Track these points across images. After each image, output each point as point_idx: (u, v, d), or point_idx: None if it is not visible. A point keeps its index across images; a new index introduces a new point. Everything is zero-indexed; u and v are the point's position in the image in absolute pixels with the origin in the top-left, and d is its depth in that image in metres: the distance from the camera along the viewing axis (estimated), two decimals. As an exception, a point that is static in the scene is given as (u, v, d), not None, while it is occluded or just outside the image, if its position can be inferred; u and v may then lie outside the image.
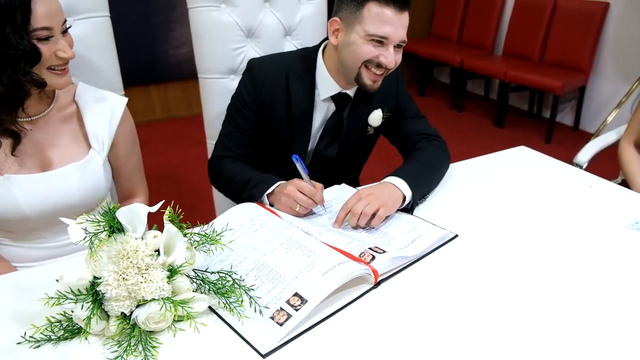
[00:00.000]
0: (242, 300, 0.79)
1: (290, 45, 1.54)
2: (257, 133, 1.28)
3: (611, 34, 3.42)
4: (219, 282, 0.81)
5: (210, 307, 0.80)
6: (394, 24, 1.11)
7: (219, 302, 0.80)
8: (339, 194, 1.16)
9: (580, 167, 1.59)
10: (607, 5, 3.41)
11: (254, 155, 1.29)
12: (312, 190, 1.05)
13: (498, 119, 3.87)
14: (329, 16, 1.24)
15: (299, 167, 1.07)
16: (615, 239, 1.01)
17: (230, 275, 0.81)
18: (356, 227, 1.03)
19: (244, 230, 0.94)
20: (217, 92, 1.48)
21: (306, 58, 1.27)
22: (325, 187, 1.12)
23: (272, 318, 0.77)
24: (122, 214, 0.74)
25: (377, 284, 0.87)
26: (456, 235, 1.03)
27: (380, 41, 1.12)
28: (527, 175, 1.30)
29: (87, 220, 0.74)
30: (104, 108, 1.10)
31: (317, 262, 0.85)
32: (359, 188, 1.12)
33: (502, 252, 0.97)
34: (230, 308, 0.79)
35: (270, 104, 1.25)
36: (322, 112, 1.29)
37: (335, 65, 1.22)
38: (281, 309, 0.78)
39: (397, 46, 1.15)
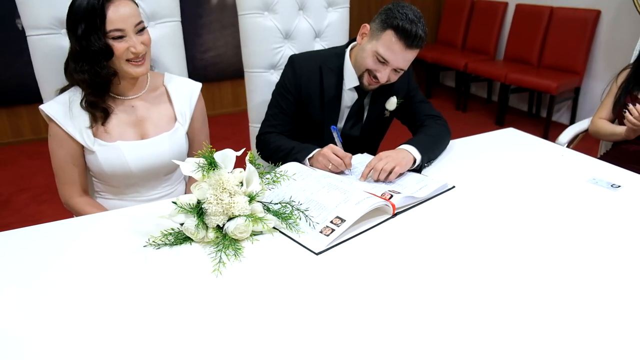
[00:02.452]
0: (298, 218, 1.11)
1: (319, 45, 1.86)
2: (296, 114, 1.60)
3: (602, 38, 3.72)
4: (281, 209, 1.13)
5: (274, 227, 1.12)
6: (397, 55, 1.42)
7: (281, 223, 1.12)
8: (362, 160, 1.48)
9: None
10: (598, 12, 3.72)
11: (293, 132, 1.61)
12: (344, 153, 1.37)
13: (499, 119, 4.17)
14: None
15: (335, 135, 1.39)
16: (577, 191, 1.32)
17: (289, 204, 1.13)
18: (377, 181, 1.34)
19: (295, 178, 1.26)
20: (260, 84, 1.81)
21: (336, 55, 1.59)
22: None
23: (321, 232, 1.09)
24: (218, 156, 1.06)
25: (394, 215, 1.19)
26: (454, 186, 1.34)
27: (382, 61, 1.44)
28: (512, 148, 1.61)
29: (195, 162, 1.06)
30: (186, 90, 1.44)
31: (351, 197, 1.16)
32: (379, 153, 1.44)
33: (489, 201, 1.28)
34: (289, 227, 1.10)
35: (306, 91, 1.58)
36: (347, 99, 1.61)
37: (355, 60, 1.54)
38: (327, 226, 1.10)
39: (396, 70, 1.46)
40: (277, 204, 1.15)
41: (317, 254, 1.04)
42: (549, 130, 3.82)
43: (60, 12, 1.36)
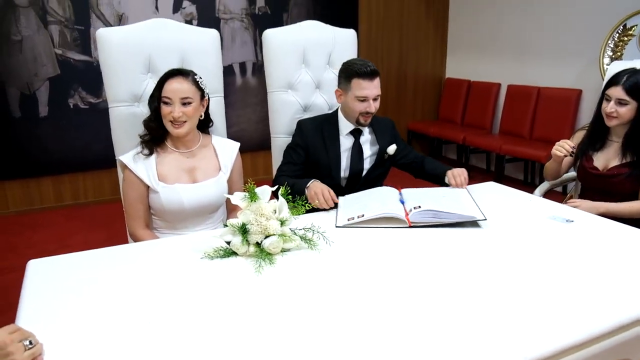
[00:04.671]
0: (313, 241, 1.46)
1: (332, 116, 2.29)
2: (305, 163, 2.04)
3: (585, 113, 4.16)
4: (305, 233, 1.48)
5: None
6: (370, 88, 1.92)
7: (304, 242, 1.46)
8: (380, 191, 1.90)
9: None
10: (580, 91, 4.19)
11: (301, 176, 2.00)
12: (325, 195, 1.75)
13: (497, 186, 4.53)
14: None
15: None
16: (540, 226, 1.65)
17: (312, 229, 1.48)
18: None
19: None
20: (283, 145, 2.20)
21: (331, 115, 2.08)
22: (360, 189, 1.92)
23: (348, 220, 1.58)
24: (258, 190, 1.43)
25: (411, 226, 1.60)
26: (485, 219, 1.63)
27: (363, 99, 1.92)
28: (492, 196, 1.96)
29: (241, 195, 1.43)
30: (228, 147, 1.84)
31: (383, 207, 1.63)
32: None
33: (470, 233, 1.62)
34: (310, 245, 1.44)
35: (313, 144, 2.02)
36: (346, 143, 2.05)
37: (344, 114, 2.03)
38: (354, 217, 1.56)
39: (374, 99, 1.94)
40: (301, 229, 1.50)
41: (337, 226, 1.62)
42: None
43: (136, 89, 1.80)
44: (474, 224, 1.64)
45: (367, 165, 2.08)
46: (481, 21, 5.12)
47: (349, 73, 1.93)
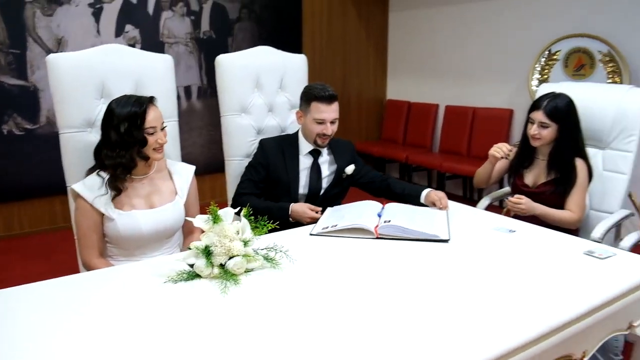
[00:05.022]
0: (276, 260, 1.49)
1: (284, 138, 2.35)
2: (265, 180, 2.10)
3: (516, 131, 4.44)
4: (268, 252, 1.51)
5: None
6: (327, 111, 2.05)
7: (267, 262, 1.49)
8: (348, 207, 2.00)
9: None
10: (512, 111, 4.48)
11: (262, 194, 2.10)
12: (309, 214, 1.89)
13: (440, 202, 4.72)
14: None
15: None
16: (485, 235, 1.77)
17: (274, 248, 1.51)
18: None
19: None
20: (238, 167, 2.24)
21: (291, 136, 2.17)
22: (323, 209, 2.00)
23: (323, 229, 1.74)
24: (221, 212, 1.45)
25: (378, 237, 1.71)
26: (447, 240, 1.71)
27: (321, 122, 2.03)
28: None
29: (204, 217, 1.44)
30: (183, 171, 1.85)
31: (356, 219, 1.74)
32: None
33: (419, 245, 1.71)
34: (272, 264, 1.48)
35: (274, 162, 2.10)
36: (305, 162, 2.15)
37: (304, 135, 2.13)
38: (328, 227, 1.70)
39: (332, 122, 2.06)
40: (263, 249, 1.53)
41: (310, 234, 1.77)
42: (482, 210, 4.38)
43: (88, 114, 1.78)
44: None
45: (324, 184, 2.17)
46: (419, 46, 5.38)
47: (309, 96, 2.06)
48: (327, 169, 2.19)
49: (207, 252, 1.42)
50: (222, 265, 1.43)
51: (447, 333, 1.13)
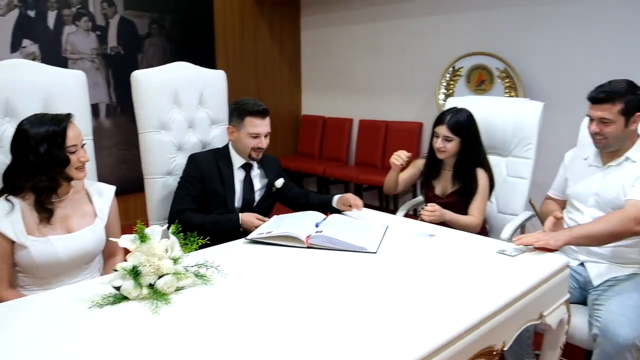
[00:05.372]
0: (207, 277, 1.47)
1: (206, 154, 2.32)
2: (202, 194, 2.09)
3: (426, 143, 4.67)
4: (198, 269, 1.48)
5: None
6: (261, 126, 2.11)
7: (197, 279, 1.46)
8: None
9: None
10: (421, 124, 4.72)
11: (199, 208, 2.08)
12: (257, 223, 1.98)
13: (358, 213, 4.86)
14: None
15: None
16: (408, 240, 1.85)
17: (204, 265, 1.49)
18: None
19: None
20: (158, 188, 2.18)
21: (222, 149, 2.18)
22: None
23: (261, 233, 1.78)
24: (148, 230, 1.41)
25: (309, 247, 1.75)
26: (375, 252, 1.72)
27: (256, 136, 2.07)
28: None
29: (129, 237, 1.39)
30: (103, 191, 1.77)
31: (292, 227, 1.78)
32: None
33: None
34: (204, 281, 1.46)
35: (210, 176, 2.09)
36: (239, 176, 2.17)
37: (236, 149, 2.15)
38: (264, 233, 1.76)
39: (265, 136, 2.12)
40: (193, 266, 1.50)
41: (248, 240, 1.81)
42: (397, 219, 4.56)
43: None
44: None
45: (257, 197, 2.20)
46: (332, 63, 5.54)
47: (242, 112, 2.09)
48: (258, 182, 2.23)
49: (135, 273, 1.37)
50: (151, 285, 1.39)
51: (375, 337, 1.17)
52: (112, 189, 1.82)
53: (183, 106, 2.24)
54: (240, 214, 2.06)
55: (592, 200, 1.96)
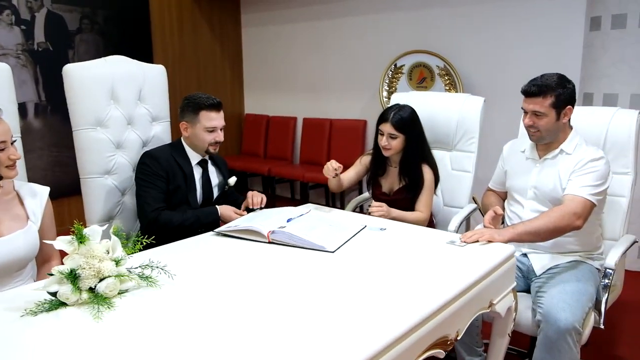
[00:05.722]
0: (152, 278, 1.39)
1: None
2: (166, 191, 2.03)
3: (370, 139, 4.73)
4: (143, 270, 1.40)
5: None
6: (217, 119, 2.08)
7: (142, 281, 1.38)
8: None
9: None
10: (365, 121, 4.76)
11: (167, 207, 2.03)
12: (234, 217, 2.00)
13: (304, 212, 4.84)
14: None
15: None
16: (360, 235, 1.84)
17: (149, 265, 1.40)
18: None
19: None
20: (97, 187, 2.05)
21: (176, 146, 2.12)
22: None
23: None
24: (86, 230, 1.31)
25: (270, 242, 1.72)
26: (332, 252, 1.66)
27: (212, 130, 2.04)
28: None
29: (66, 239, 1.29)
30: (36, 192, 1.64)
31: (263, 222, 1.79)
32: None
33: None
34: (149, 283, 1.37)
35: (172, 172, 2.04)
36: (197, 172, 2.14)
37: (192, 145, 2.11)
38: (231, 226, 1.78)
39: (221, 129, 2.10)
40: (137, 267, 1.41)
41: (215, 232, 1.82)
42: (344, 217, 4.57)
43: None
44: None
45: (215, 193, 2.20)
46: (274, 61, 5.48)
47: (195, 106, 2.05)
48: (215, 178, 2.22)
49: (73, 277, 1.27)
50: (91, 289, 1.29)
51: (329, 334, 1.14)
52: (45, 190, 1.69)
53: (121, 102, 2.12)
54: (218, 206, 2.07)
55: (530, 192, 2.02)
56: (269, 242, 1.72)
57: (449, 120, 2.50)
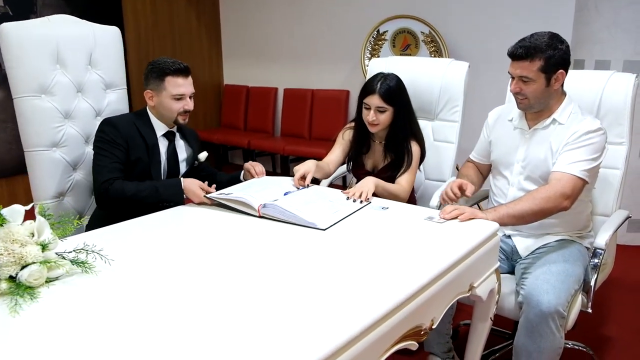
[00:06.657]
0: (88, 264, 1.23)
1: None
2: (126, 162, 1.83)
3: (353, 110, 4.53)
4: (77, 255, 1.23)
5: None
6: (185, 85, 1.87)
7: (77, 267, 1.22)
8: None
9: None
10: (348, 92, 4.57)
11: (125, 176, 1.83)
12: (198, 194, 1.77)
13: (285, 186, 4.67)
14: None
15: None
16: (363, 212, 1.68)
17: (84, 249, 1.24)
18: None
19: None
20: (43, 160, 1.86)
21: (140, 115, 1.92)
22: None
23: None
24: (5, 212, 1.14)
25: (261, 216, 1.61)
26: (324, 229, 1.51)
27: (180, 97, 1.85)
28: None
29: (-21, 219, 1.12)
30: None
31: (256, 194, 1.67)
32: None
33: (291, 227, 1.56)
34: (85, 269, 1.21)
35: (133, 142, 1.84)
36: (162, 145, 1.94)
37: (158, 115, 1.92)
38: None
39: (190, 97, 1.90)
40: (71, 251, 1.25)
41: (205, 195, 1.73)
42: (326, 191, 4.42)
43: None
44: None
45: (182, 168, 2.00)
46: (253, 30, 5.23)
47: (161, 72, 1.85)
48: (183, 152, 2.02)
49: (-11, 264, 1.10)
50: (12, 278, 1.13)
51: (294, 323, 1.00)
52: None
53: (68, 67, 1.91)
54: (182, 179, 1.83)
55: (518, 167, 1.83)
56: (260, 217, 1.60)
57: (431, 87, 2.32)
